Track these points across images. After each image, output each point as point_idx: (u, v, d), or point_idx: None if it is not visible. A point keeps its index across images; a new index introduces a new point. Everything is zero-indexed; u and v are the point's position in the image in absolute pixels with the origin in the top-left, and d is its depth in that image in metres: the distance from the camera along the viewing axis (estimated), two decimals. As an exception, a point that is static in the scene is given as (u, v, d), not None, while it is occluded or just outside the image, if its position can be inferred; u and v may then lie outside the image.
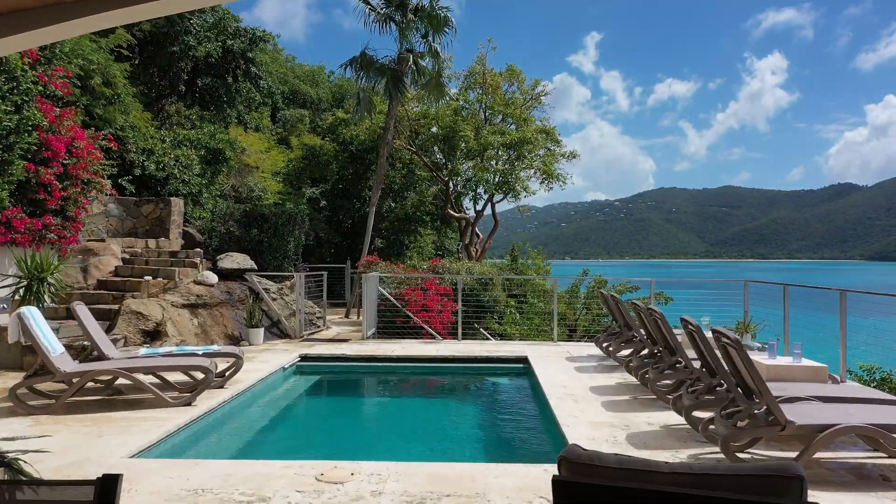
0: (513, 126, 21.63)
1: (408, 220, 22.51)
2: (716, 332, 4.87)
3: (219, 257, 11.96)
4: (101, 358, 6.94)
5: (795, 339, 9.43)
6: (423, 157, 21.37)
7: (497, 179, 20.74)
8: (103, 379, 6.87)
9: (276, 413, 7.06)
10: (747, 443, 4.90)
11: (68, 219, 9.71)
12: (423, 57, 15.91)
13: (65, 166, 9.40)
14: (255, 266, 12.25)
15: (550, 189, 21.40)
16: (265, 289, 11.97)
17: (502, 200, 22.01)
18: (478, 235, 22.55)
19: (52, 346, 6.36)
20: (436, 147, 21.40)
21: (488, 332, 13.43)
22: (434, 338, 11.72)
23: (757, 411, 4.60)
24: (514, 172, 20.50)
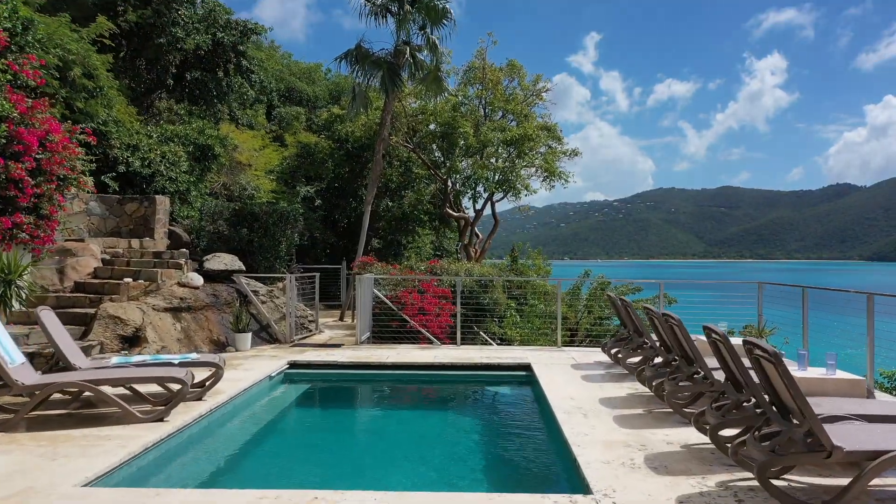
0: (513, 122, 21.03)
1: (405, 220, 21.94)
2: (748, 343, 4.30)
3: (205, 258, 11.37)
4: (67, 368, 6.37)
5: (815, 346, 8.87)
6: (421, 154, 20.78)
7: (497, 177, 20.13)
8: (70, 391, 6.30)
9: (256, 429, 6.45)
10: (783, 468, 4.34)
11: (42, 217, 9.08)
12: (420, 50, 15.32)
13: (38, 161, 8.77)
14: (244, 267, 11.66)
15: (552, 187, 20.83)
16: (254, 291, 11.39)
17: (502, 199, 21.45)
18: (477, 235, 21.98)
19: (10, 355, 5.78)
20: (434, 144, 20.81)
21: (488, 335, 12.86)
22: (431, 342, 11.15)
23: (796, 435, 4.04)
24: (514, 170, 19.91)
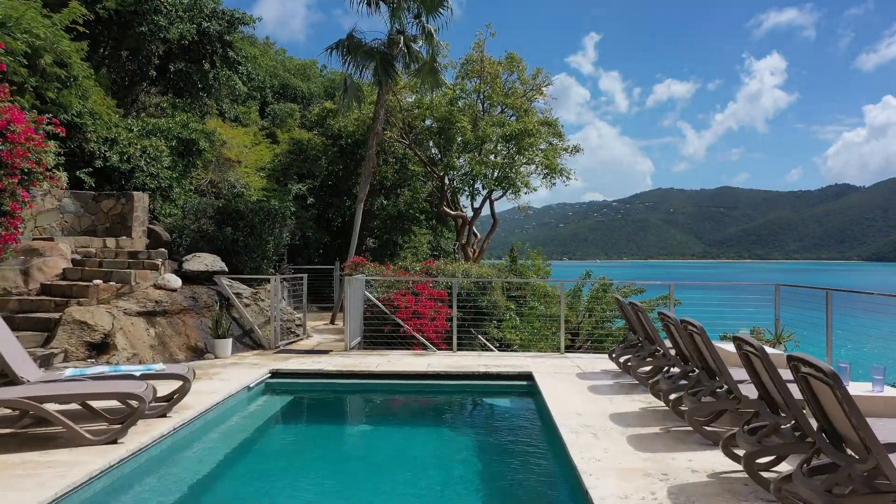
0: (513, 117, 20.31)
1: (401, 219, 21.23)
2: (794, 359, 3.62)
3: (184, 258, 10.67)
4: (13, 383, 5.67)
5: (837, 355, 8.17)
6: (417, 151, 20.07)
7: (496, 174, 19.42)
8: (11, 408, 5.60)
9: (228, 450, 5.73)
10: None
11: (4, 214, 8.40)
12: (415, 40, 14.63)
13: (-3, 153, 8.09)
14: (226, 268, 10.95)
15: (553, 185, 20.10)
16: (237, 293, 10.69)
17: (501, 197, 20.74)
18: (475, 235, 21.27)
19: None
20: (430, 141, 20.10)
21: (486, 337, 12.17)
22: (426, 348, 10.45)
23: (856, 472, 3.36)
24: (514, 167, 19.20)
